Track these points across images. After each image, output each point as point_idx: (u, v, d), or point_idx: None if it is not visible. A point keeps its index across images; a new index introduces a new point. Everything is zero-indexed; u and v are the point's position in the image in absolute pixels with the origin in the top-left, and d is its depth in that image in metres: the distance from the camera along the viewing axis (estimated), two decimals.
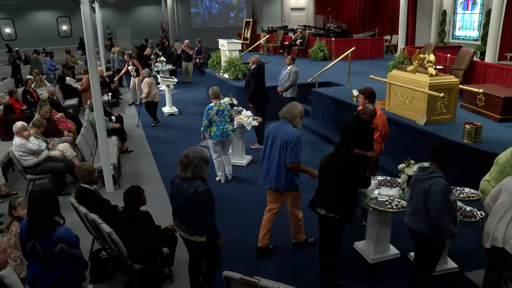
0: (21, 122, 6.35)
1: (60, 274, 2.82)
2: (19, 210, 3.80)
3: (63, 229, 2.83)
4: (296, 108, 4.48)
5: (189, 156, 3.38)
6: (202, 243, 3.49)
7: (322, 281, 4.09)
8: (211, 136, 6.30)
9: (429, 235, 3.38)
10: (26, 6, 23.85)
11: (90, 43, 5.83)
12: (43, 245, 2.75)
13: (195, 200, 3.33)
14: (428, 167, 3.41)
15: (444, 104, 6.28)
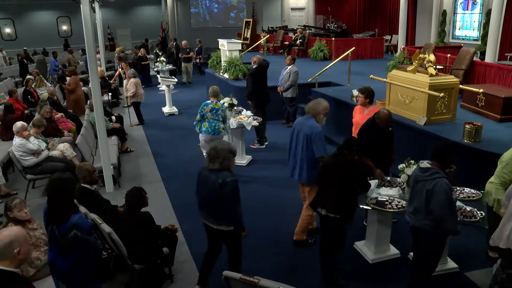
0: (21, 122, 6.35)
1: (76, 258, 2.93)
2: (15, 211, 3.70)
3: (77, 216, 2.93)
4: (320, 104, 4.52)
5: (217, 149, 3.55)
6: (229, 232, 3.66)
7: (323, 281, 4.09)
8: (203, 131, 6.40)
9: (431, 232, 3.39)
10: (26, 6, 23.85)
11: (90, 43, 5.83)
12: (60, 231, 2.88)
13: (223, 190, 3.48)
14: (430, 167, 3.40)
15: (444, 104, 6.28)
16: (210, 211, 3.66)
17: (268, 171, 6.96)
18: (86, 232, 2.93)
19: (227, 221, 3.63)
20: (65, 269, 2.94)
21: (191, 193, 6.18)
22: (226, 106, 7.49)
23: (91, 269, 3.06)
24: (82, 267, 2.96)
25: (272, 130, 9.15)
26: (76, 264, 2.92)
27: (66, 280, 2.98)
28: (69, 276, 2.95)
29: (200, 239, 4.90)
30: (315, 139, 4.29)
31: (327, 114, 4.55)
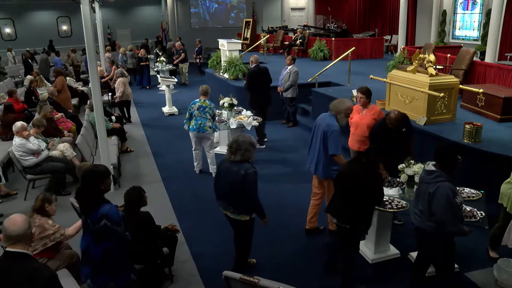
0: (21, 122, 6.35)
1: (107, 247, 3.03)
2: (53, 205, 3.89)
3: (108, 207, 3.01)
4: (343, 104, 4.50)
5: (239, 141, 3.77)
6: (246, 222, 3.90)
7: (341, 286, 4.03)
8: (190, 128, 6.53)
9: (433, 233, 3.39)
10: (26, 6, 23.86)
11: (90, 43, 5.82)
12: (91, 220, 2.99)
13: (245, 181, 3.68)
14: (434, 170, 3.36)
15: (444, 104, 6.28)
16: (230, 201, 3.86)
17: (268, 171, 6.95)
18: (116, 223, 3.00)
19: (246, 211, 3.85)
20: (97, 257, 3.06)
21: (191, 193, 6.22)
22: (226, 106, 7.51)
23: (121, 259, 3.15)
24: (112, 256, 3.07)
25: (272, 130, 9.14)
26: (106, 252, 3.04)
27: (98, 268, 3.10)
28: (101, 264, 3.08)
29: (200, 239, 4.93)
30: (330, 137, 4.38)
31: (349, 114, 4.56)
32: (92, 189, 3.01)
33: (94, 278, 3.12)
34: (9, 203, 6.12)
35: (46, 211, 3.84)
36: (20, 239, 2.50)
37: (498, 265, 3.83)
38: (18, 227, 2.49)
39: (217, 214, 5.57)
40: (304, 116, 9.79)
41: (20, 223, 2.51)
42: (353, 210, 3.71)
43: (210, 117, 6.46)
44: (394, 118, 4.62)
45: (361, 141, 5.27)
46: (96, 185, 3.01)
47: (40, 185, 6.63)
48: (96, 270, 3.11)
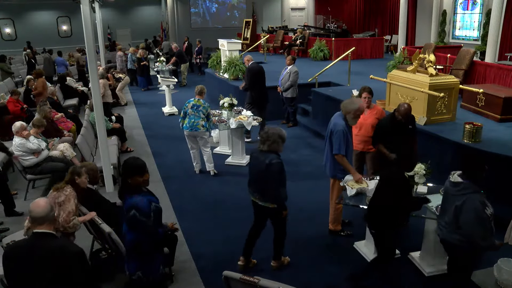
0: (20, 122, 6.35)
1: (137, 236, 3.14)
2: (83, 177, 4.18)
3: (139, 198, 3.09)
4: (353, 105, 4.48)
5: (269, 132, 3.91)
6: (273, 209, 4.02)
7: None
8: (183, 127, 6.66)
9: (459, 246, 3.29)
10: (26, 6, 23.84)
11: (90, 43, 5.83)
12: (125, 208, 3.15)
13: (269, 170, 3.82)
14: (461, 182, 3.24)
15: (444, 104, 6.28)
16: (257, 188, 4.04)
17: None
18: (144, 215, 3.07)
19: (271, 199, 3.97)
20: (128, 244, 3.24)
21: (191, 193, 6.22)
22: (226, 106, 7.51)
23: (148, 251, 3.23)
24: (140, 247, 3.18)
25: None
26: (137, 241, 3.16)
27: (129, 254, 3.28)
28: (131, 251, 3.25)
29: (200, 239, 4.92)
30: (334, 136, 4.45)
31: (358, 115, 4.51)
32: (127, 180, 3.15)
33: (127, 263, 3.29)
34: None
35: (76, 183, 4.12)
36: (44, 220, 2.72)
37: (498, 265, 3.83)
38: (42, 209, 2.72)
39: (217, 214, 5.59)
40: (304, 116, 9.79)
41: (44, 205, 2.74)
42: (379, 215, 3.66)
43: (203, 116, 6.55)
44: (405, 111, 4.59)
45: (365, 142, 5.24)
46: (132, 177, 3.13)
47: (40, 185, 6.63)
48: (128, 256, 3.29)
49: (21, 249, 2.74)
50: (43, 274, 2.63)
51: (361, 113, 4.55)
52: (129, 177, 3.13)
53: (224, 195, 6.13)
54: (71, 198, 4.02)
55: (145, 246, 3.17)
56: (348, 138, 4.47)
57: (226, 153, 7.74)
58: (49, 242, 2.69)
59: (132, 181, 3.13)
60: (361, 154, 5.34)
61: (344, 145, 4.40)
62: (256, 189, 4.05)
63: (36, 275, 2.65)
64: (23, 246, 2.76)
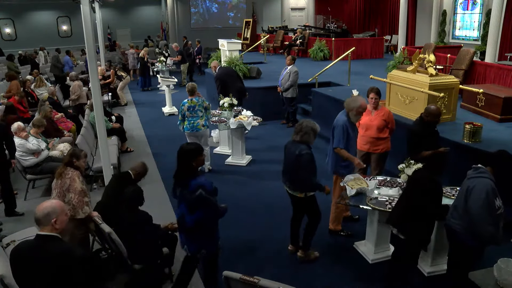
0: (18, 122, 6.35)
1: (200, 215, 3.41)
2: (81, 161, 4.21)
3: (203, 178, 3.43)
4: (355, 102, 4.57)
5: (303, 124, 4.08)
6: (301, 199, 4.19)
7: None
8: (184, 129, 6.75)
9: (463, 234, 3.25)
10: (26, 6, 23.85)
11: (90, 43, 5.82)
12: (188, 190, 3.36)
13: (299, 160, 3.98)
14: (480, 166, 3.24)
15: (444, 104, 6.28)
16: (288, 178, 4.23)
17: (268, 171, 6.95)
18: (209, 192, 3.38)
19: (299, 188, 4.14)
20: (191, 225, 3.44)
21: None
22: (226, 106, 7.51)
23: (212, 227, 3.55)
24: (204, 224, 3.46)
25: (272, 130, 9.16)
26: (200, 220, 3.41)
27: (192, 234, 3.50)
28: (194, 231, 3.48)
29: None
30: (335, 131, 4.58)
31: (361, 112, 4.60)
32: (187, 164, 3.40)
33: (188, 244, 3.58)
34: None
35: (74, 165, 4.15)
36: (41, 223, 2.69)
37: (498, 265, 3.82)
38: (40, 212, 2.70)
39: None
40: (304, 116, 9.79)
41: (42, 208, 2.71)
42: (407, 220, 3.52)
43: (201, 114, 6.66)
44: (437, 110, 4.59)
45: (371, 142, 5.23)
46: (190, 161, 3.40)
47: (40, 185, 6.63)
48: (189, 237, 3.54)
49: (25, 250, 2.73)
50: (44, 277, 2.62)
51: (363, 110, 4.59)
52: (193, 159, 3.41)
53: (224, 195, 6.10)
54: (75, 177, 4.06)
55: (209, 223, 3.49)
56: (349, 134, 4.52)
57: (226, 153, 7.74)
58: (52, 245, 2.67)
59: (196, 163, 3.43)
60: (366, 154, 5.33)
61: (344, 139, 4.49)
62: (287, 178, 4.24)
63: (38, 278, 2.64)
64: (27, 247, 2.75)
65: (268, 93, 9.71)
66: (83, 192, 4.06)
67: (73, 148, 4.35)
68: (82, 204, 4.01)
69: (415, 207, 3.47)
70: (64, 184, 4.03)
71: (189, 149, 3.46)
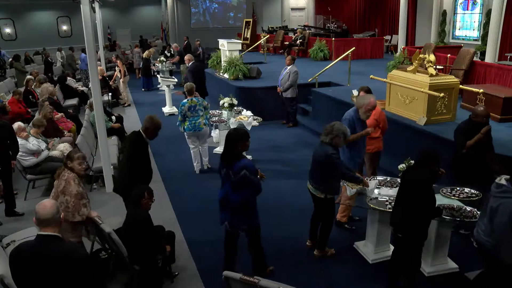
0: (18, 122, 6.35)
1: (244, 194, 3.74)
2: (75, 163, 4.07)
3: (246, 160, 3.78)
4: (365, 100, 4.74)
5: (334, 127, 4.13)
6: (321, 199, 4.26)
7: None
8: (185, 129, 6.77)
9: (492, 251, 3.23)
10: (26, 6, 23.82)
11: (90, 43, 5.83)
12: (233, 171, 3.67)
13: (324, 161, 4.07)
14: (503, 184, 3.16)
15: (444, 104, 6.28)
16: (312, 176, 4.32)
17: (268, 171, 6.94)
18: (253, 173, 3.71)
19: (321, 189, 4.20)
20: (234, 203, 3.76)
21: (191, 193, 6.22)
22: (226, 106, 7.51)
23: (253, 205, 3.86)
24: (246, 202, 3.78)
25: (272, 130, 9.16)
26: (243, 198, 3.74)
27: (234, 212, 3.81)
28: (237, 209, 3.78)
29: (200, 239, 4.92)
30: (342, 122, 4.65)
31: (370, 110, 4.71)
32: (234, 147, 3.71)
33: (231, 221, 3.87)
34: None
35: (69, 167, 4.04)
36: (50, 223, 2.68)
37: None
38: (47, 211, 2.68)
39: (217, 213, 5.58)
40: (304, 116, 9.79)
41: (49, 207, 2.70)
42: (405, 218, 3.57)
43: (202, 113, 6.73)
44: (482, 113, 4.56)
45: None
46: (236, 144, 3.71)
47: (40, 185, 6.63)
48: (232, 215, 3.83)
49: (26, 251, 2.72)
50: (46, 277, 2.62)
51: (372, 108, 4.68)
52: (241, 143, 3.72)
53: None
54: (71, 180, 3.96)
55: (249, 202, 3.79)
56: (356, 129, 4.68)
57: None
58: (53, 245, 2.66)
59: (242, 147, 3.73)
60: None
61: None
62: (311, 177, 4.33)
63: (39, 278, 2.63)
64: (28, 248, 2.73)
65: (268, 93, 9.72)
66: (79, 195, 3.96)
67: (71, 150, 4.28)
68: (78, 207, 3.93)
69: (411, 207, 3.51)
70: (60, 186, 3.98)
71: (238, 134, 3.76)
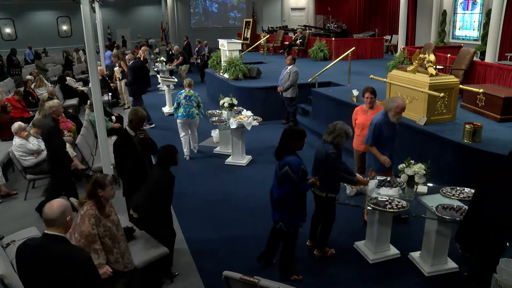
0: (18, 122, 6.35)
1: (283, 190, 3.83)
2: (108, 189, 3.40)
3: (293, 157, 3.79)
4: (392, 103, 4.70)
5: (337, 126, 4.16)
6: (322, 198, 4.30)
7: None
8: (178, 116, 7.33)
9: None
10: (26, 6, 23.84)
11: (90, 43, 5.82)
12: (279, 165, 3.82)
13: (324, 160, 4.11)
14: None
15: (444, 104, 6.28)
16: (314, 175, 4.25)
17: (268, 171, 6.93)
18: (294, 172, 3.72)
19: (322, 187, 4.18)
20: (275, 198, 3.89)
21: (191, 193, 6.22)
22: (226, 106, 7.52)
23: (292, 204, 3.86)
24: (286, 200, 3.84)
25: (272, 130, 9.15)
26: (284, 194, 3.82)
27: (274, 207, 3.94)
28: (277, 204, 3.91)
29: (200, 239, 4.92)
30: (369, 128, 4.76)
31: (399, 113, 4.67)
32: (288, 143, 3.82)
33: (272, 214, 3.99)
34: (9, 203, 6.12)
35: (99, 197, 3.38)
36: (55, 223, 2.67)
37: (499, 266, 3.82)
38: (53, 211, 2.67)
39: (217, 214, 5.60)
40: (304, 116, 9.79)
41: (55, 208, 2.69)
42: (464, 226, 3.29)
43: (196, 104, 7.33)
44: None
45: None
46: (290, 141, 3.82)
47: (40, 185, 6.63)
48: (273, 208, 3.97)
49: (31, 248, 2.74)
50: (48, 276, 2.63)
51: (401, 110, 4.68)
52: (296, 141, 3.81)
53: (224, 195, 6.13)
54: (86, 218, 3.30)
55: (290, 201, 3.83)
56: (382, 132, 4.65)
57: (226, 153, 7.74)
58: (56, 245, 2.66)
59: (295, 144, 3.81)
60: (363, 154, 5.33)
61: (373, 136, 4.66)
62: (313, 175, 4.29)
63: (42, 276, 2.64)
64: (33, 246, 2.75)
65: (268, 93, 9.72)
66: (91, 237, 3.28)
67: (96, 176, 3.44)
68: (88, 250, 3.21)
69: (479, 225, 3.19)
70: (77, 218, 3.36)
71: (295, 131, 3.90)
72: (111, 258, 3.42)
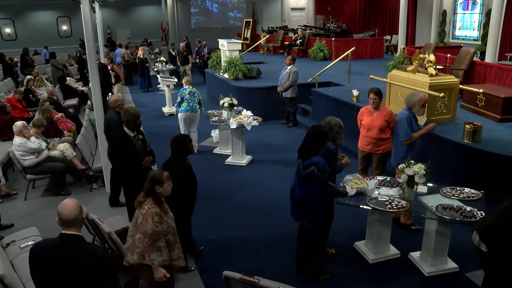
0: (22, 121, 6.36)
1: (308, 190, 3.76)
2: (166, 185, 3.33)
3: (318, 157, 3.73)
4: (414, 97, 4.79)
5: (331, 123, 4.18)
6: None
7: None
8: (182, 110, 7.56)
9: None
10: (26, 6, 23.82)
11: (90, 43, 5.83)
12: (303, 165, 3.74)
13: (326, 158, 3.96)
14: None
15: (444, 104, 6.28)
16: None
17: (268, 171, 6.96)
18: (321, 171, 3.68)
19: None
20: (298, 197, 3.84)
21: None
22: (226, 106, 7.53)
23: (316, 204, 3.79)
24: (309, 199, 3.77)
25: (272, 130, 9.16)
26: (306, 194, 3.77)
27: (296, 205, 3.90)
28: (299, 203, 3.85)
29: (200, 239, 4.92)
30: (398, 125, 4.79)
31: (424, 105, 4.77)
32: (313, 143, 3.76)
33: (293, 213, 3.96)
34: (9, 203, 6.12)
35: (157, 193, 3.30)
36: (74, 223, 2.68)
37: None
38: (70, 211, 2.66)
39: (217, 213, 5.60)
40: (304, 116, 9.79)
41: (72, 208, 2.68)
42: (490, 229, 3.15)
43: (197, 100, 7.64)
44: None
45: (373, 143, 5.21)
46: (316, 141, 3.77)
47: (40, 185, 6.63)
48: (294, 207, 3.94)
49: (47, 249, 2.72)
50: (66, 276, 2.61)
51: (425, 102, 4.77)
52: (321, 141, 3.78)
53: (224, 195, 6.13)
54: (149, 217, 3.20)
55: (314, 201, 3.76)
56: (413, 125, 4.73)
57: (226, 153, 7.74)
58: (75, 245, 2.66)
59: (321, 146, 3.78)
60: (368, 155, 5.33)
61: (407, 129, 4.69)
62: None
63: (59, 277, 2.63)
64: (50, 246, 2.73)
65: (268, 93, 9.72)
66: (155, 235, 3.21)
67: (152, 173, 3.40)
68: (151, 250, 3.20)
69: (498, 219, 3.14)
70: (138, 219, 3.28)
71: (322, 131, 3.85)
72: (174, 255, 3.40)
